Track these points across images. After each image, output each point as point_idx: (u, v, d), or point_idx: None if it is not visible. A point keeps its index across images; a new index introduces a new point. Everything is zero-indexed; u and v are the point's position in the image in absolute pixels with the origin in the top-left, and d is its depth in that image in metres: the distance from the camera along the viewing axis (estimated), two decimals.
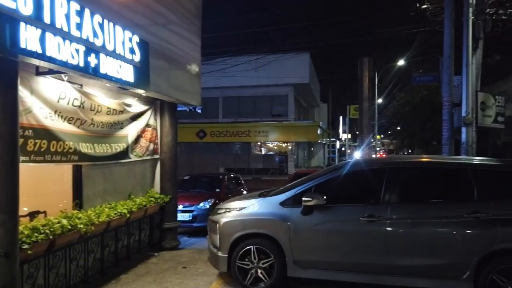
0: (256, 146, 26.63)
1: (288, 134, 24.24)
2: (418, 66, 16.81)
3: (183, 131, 24.41)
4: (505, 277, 4.06)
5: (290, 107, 25.35)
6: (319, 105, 38.73)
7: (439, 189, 4.62)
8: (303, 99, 31.09)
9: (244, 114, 25.72)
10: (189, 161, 25.27)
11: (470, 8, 7.61)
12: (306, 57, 24.15)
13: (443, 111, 8.22)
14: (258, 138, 24.57)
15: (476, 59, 8.04)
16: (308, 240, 4.60)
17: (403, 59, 20.66)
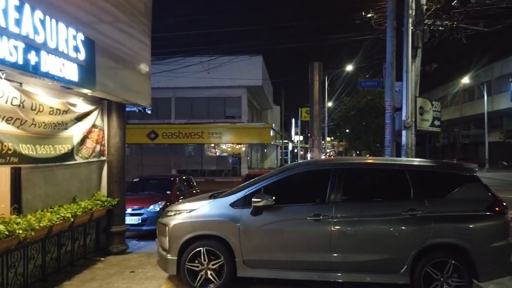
0: (210, 148, 26.49)
1: (241, 135, 24.37)
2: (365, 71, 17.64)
3: (134, 132, 23.75)
4: (439, 270, 4.40)
5: (244, 109, 25.51)
6: (272, 108, 39.26)
7: (379, 189, 4.91)
8: (257, 101, 31.40)
9: (198, 115, 25.52)
10: (140, 163, 24.63)
11: (410, 18, 8.13)
12: (259, 59, 24.43)
13: (386, 115, 8.71)
14: (211, 139, 24.47)
15: (415, 66, 8.60)
16: (258, 240, 4.69)
17: (352, 65, 21.58)
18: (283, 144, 37.49)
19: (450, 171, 4.86)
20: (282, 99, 35.33)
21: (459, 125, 48.83)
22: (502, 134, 38.48)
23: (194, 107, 25.79)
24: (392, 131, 8.56)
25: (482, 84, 35.10)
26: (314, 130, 23.25)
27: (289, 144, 40.97)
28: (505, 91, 33.69)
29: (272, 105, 38.53)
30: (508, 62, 35.48)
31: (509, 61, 35.26)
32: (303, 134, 45.28)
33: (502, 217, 4.54)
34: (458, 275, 4.39)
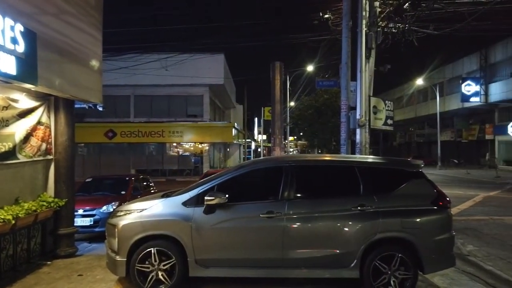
0: (172, 147, 26.03)
1: (203, 134, 24.12)
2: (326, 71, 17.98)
3: (91, 131, 22.91)
4: (386, 264, 4.53)
5: (206, 107, 25.26)
6: (235, 107, 39.22)
7: (330, 185, 4.99)
8: (219, 100, 31.23)
9: (158, 114, 25.00)
10: (98, 162, 23.76)
11: (364, 20, 8.35)
12: (220, 58, 24.29)
13: (341, 114, 8.90)
14: (172, 138, 24.04)
15: (369, 67, 8.85)
16: (210, 239, 4.63)
17: (312, 65, 21.95)
18: (246, 143, 37.54)
19: (397, 168, 5.03)
20: (244, 98, 35.35)
21: (414, 125, 51.01)
22: (453, 133, 40.59)
23: (155, 105, 25.25)
24: (348, 129, 8.76)
25: (435, 86, 36.84)
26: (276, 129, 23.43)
27: (252, 143, 41.08)
28: (455, 92, 35.57)
29: (235, 104, 38.50)
30: (458, 64, 37.47)
31: (459, 63, 37.24)
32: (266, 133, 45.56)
33: (445, 211, 4.75)
34: (405, 268, 4.54)
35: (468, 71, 35.29)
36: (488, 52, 32.78)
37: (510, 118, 32.51)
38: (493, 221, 10.11)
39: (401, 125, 54.29)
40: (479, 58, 33.58)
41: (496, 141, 34.34)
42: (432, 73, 39.85)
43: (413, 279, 4.54)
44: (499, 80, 31.51)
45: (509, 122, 31.85)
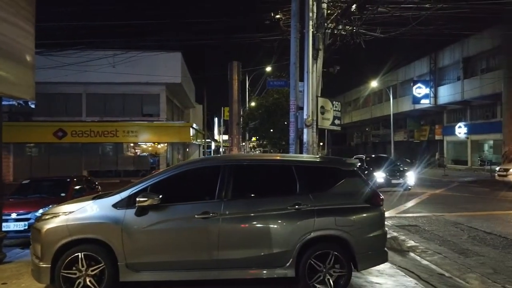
0: (129, 147, 25.24)
1: (159, 134, 23.57)
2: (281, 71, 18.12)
3: (38, 130, 21.77)
4: (321, 262, 4.56)
5: (162, 106, 24.70)
6: (195, 106, 38.72)
7: (268, 185, 4.96)
8: (177, 100, 30.68)
9: (112, 113, 24.12)
10: (46, 164, 22.58)
11: (311, 21, 8.43)
12: (178, 56, 23.85)
13: (290, 114, 8.96)
14: (127, 138, 23.29)
15: (317, 67, 8.95)
16: (142, 242, 4.45)
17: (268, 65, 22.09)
18: (206, 143, 37.17)
19: (333, 166, 5.09)
20: (204, 98, 34.94)
21: (370, 125, 52.71)
22: (405, 134, 42.35)
23: (108, 104, 24.36)
24: (296, 129, 8.82)
25: (388, 88, 38.23)
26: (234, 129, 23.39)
27: (212, 143, 40.75)
28: (408, 95, 37.09)
29: (195, 103, 38.01)
30: (410, 68, 39.12)
31: (411, 67, 38.90)
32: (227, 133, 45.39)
33: (378, 208, 4.86)
34: (340, 265, 4.59)
35: (419, 74, 36.92)
36: (437, 56, 34.46)
37: (457, 119, 34.40)
38: (435, 217, 10.59)
39: (358, 125, 56.03)
40: (429, 62, 35.23)
41: (445, 141, 36.17)
42: (386, 75, 41.38)
43: (347, 276, 4.60)
44: (447, 83, 33.20)
45: (456, 123, 33.71)
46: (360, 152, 54.37)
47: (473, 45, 29.43)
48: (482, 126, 30.68)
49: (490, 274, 5.83)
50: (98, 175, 21.88)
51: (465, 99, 30.58)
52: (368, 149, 53.22)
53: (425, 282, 5.27)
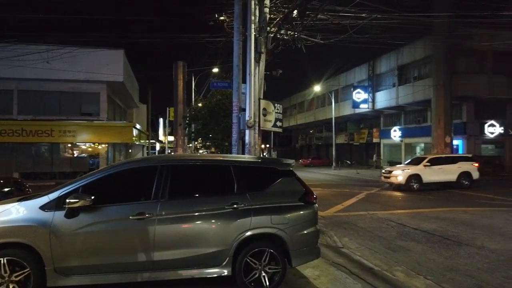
0: (66, 148, 23.86)
1: (99, 135, 22.59)
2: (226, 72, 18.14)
3: None
4: (257, 259, 4.68)
5: (103, 106, 23.70)
6: (139, 106, 37.61)
7: (206, 185, 4.99)
8: (120, 99, 29.60)
9: (47, 111, 22.70)
10: None
11: (253, 24, 8.59)
12: (120, 53, 23.03)
13: (233, 115, 9.05)
14: (64, 138, 22.05)
15: (259, 70, 9.12)
16: (73, 245, 4.28)
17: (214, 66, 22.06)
18: (150, 145, 36.21)
19: (269, 166, 5.23)
20: (148, 97, 34.07)
21: (314, 128, 54.50)
22: (346, 137, 44.32)
23: (43, 102, 22.89)
24: (239, 130, 8.93)
25: (331, 92, 39.81)
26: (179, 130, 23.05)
27: (157, 144, 39.78)
28: (348, 99, 38.84)
29: (138, 103, 36.91)
30: (351, 73, 41.05)
31: (352, 73, 40.83)
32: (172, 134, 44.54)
33: (312, 206, 5.08)
34: (275, 263, 4.74)
35: (358, 80, 38.85)
36: (375, 63, 36.50)
37: (393, 123, 36.65)
38: (370, 215, 11.20)
39: (303, 128, 57.69)
40: (367, 69, 37.21)
41: (381, 143, 38.35)
42: (329, 80, 43.06)
43: (282, 272, 4.76)
44: (384, 89, 35.26)
45: (392, 127, 35.90)
46: (304, 153, 56.04)
47: (407, 54, 31.56)
48: (414, 130, 32.96)
49: (414, 266, 6.29)
50: (31, 177, 20.52)
51: (399, 104, 32.69)
52: (312, 151, 55.00)
53: (355, 276, 5.59)
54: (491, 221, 10.15)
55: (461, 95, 27.02)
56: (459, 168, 18.75)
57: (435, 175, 18.34)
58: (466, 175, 18.76)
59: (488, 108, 28.91)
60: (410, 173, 18.07)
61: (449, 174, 18.55)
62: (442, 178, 18.54)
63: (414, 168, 18.48)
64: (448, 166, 18.65)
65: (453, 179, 18.59)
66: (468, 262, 6.48)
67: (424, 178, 18.11)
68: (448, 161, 18.98)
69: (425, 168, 18.27)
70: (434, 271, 6.03)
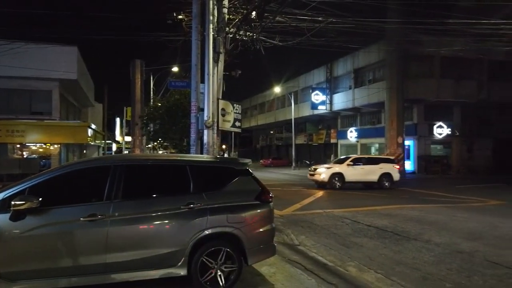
0: (14, 149, 22.53)
1: (51, 135, 21.54)
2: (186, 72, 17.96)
3: None
4: (213, 259, 4.68)
5: (55, 104, 22.65)
6: (94, 105, 36.28)
7: (161, 185, 4.93)
8: (74, 97, 28.41)
9: None
10: None
11: (211, 24, 8.58)
12: (74, 50, 22.12)
13: (191, 115, 8.99)
14: (12, 138, 20.80)
15: (218, 70, 9.13)
16: (19, 249, 4.09)
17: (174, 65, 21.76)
18: (106, 145, 35.05)
19: (226, 166, 5.27)
20: (105, 96, 33.01)
21: (274, 129, 55.13)
22: (305, 137, 45.21)
23: None
24: (197, 130, 8.89)
25: (290, 94, 40.46)
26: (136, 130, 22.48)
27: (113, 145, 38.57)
28: (307, 101, 39.67)
29: (94, 102, 35.61)
30: (310, 75, 41.95)
31: (311, 75, 41.74)
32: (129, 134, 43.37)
33: (268, 205, 5.16)
34: (231, 261, 4.77)
35: (317, 82, 39.79)
36: (333, 66, 37.55)
37: (350, 124, 37.85)
38: (326, 214, 11.52)
39: (263, 129, 58.19)
40: (325, 71, 38.20)
41: (339, 144, 39.49)
42: (289, 82, 43.76)
43: (238, 271, 4.80)
44: (341, 91, 36.34)
45: (348, 128, 37.06)
46: (264, 154, 56.53)
47: (362, 58, 32.73)
48: (369, 131, 34.24)
49: (366, 261, 6.56)
50: None
51: (355, 106, 33.83)
52: (272, 152, 55.59)
53: (309, 272, 5.75)
54: (437, 217, 10.77)
55: (412, 97, 28.40)
56: (381, 169, 19.20)
57: (357, 174, 18.79)
58: (387, 176, 19.21)
59: (437, 110, 30.59)
60: (333, 172, 18.47)
61: (371, 174, 18.98)
62: (364, 178, 19.00)
63: (338, 167, 18.93)
64: (370, 167, 19.15)
65: (375, 179, 19.05)
66: (416, 256, 6.85)
67: (346, 177, 18.52)
68: (370, 162, 19.52)
69: (348, 167, 18.75)
70: (384, 265, 6.32)
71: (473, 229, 9.15)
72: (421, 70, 29.25)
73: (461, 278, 5.63)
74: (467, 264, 6.31)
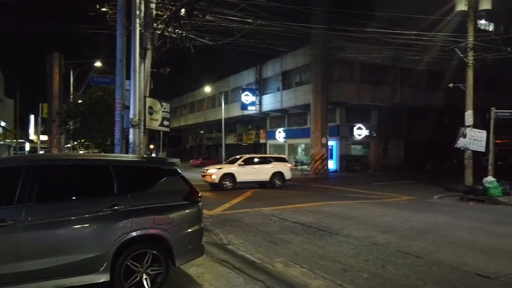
0: None
1: None
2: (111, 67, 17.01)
3: None
4: (139, 262, 4.52)
5: None
6: (4, 101, 32.94)
7: (81, 186, 4.64)
8: None
9: None
10: None
11: (138, 19, 8.27)
12: None
13: (116, 113, 8.58)
14: None
15: (145, 67, 8.82)
16: None
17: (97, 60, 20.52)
18: (18, 144, 31.99)
19: (153, 166, 5.12)
20: (17, 91, 30.09)
21: (204, 129, 54.72)
22: (235, 137, 45.55)
23: None
24: (122, 129, 8.51)
25: (221, 94, 40.48)
26: (54, 128, 20.84)
27: (26, 144, 35.33)
28: (237, 101, 40.01)
29: (4, 97, 32.35)
30: (240, 76, 42.37)
31: (241, 75, 42.17)
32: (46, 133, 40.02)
33: (196, 205, 5.12)
34: (158, 264, 4.65)
35: (247, 83, 40.33)
36: (262, 68, 38.33)
37: (278, 125, 38.91)
38: (254, 212, 11.72)
39: (193, 128, 57.46)
40: (255, 73, 38.86)
41: (268, 144, 40.39)
42: (219, 82, 43.77)
43: (165, 273, 4.69)
44: (270, 92, 37.23)
45: (277, 128, 38.09)
46: (194, 154, 55.84)
47: (290, 61, 33.87)
48: (296, 132, 35.53)
49: (292, 257, 6.80)
50: None
51: (283, 107, 34.91)
52: (203, 152, 55.12)
53: (238, 270, 5.81)
54: (357, 213, 11.53)
55: (335, 100, 30.07)
56: (272, 168, 19.32)
57: (249, 174, 18.66)
58: (279, 175, 19.37)
59: (357, 113, 32.76)
60: (224, 172, 18.15)
61: (262, 174, 18.98)
62: (256, 178, 18.92)
63: (228, 167, 18.73)
64: (262, 166, 19.18)
65: (266, 178, 19.08)
66: (337, 250, 7.26)
67: (238, 177, 18.33)
68: (262, 161, 19.54)
69: (239, 168, 18.58)
70: (309, 259, 6.61)
71: (387, 222, 9.95)
72: (343, 75, 31.09)
73: (377, 268, 6.10)
74: (382, 255, 6.85)
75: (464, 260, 6.47)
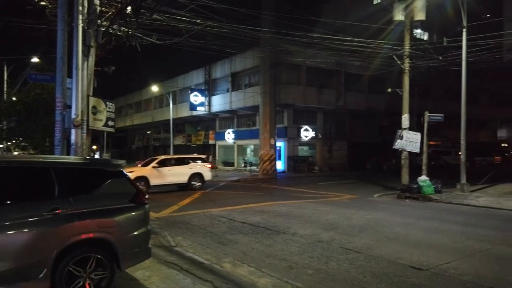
0: None
1: None
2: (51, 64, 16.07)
3: None
4: (82, 267, 4.38)
5: None
6: None
7: (18, 189, 4.40)
8: None
9: None
10: None
11: (81, 15, 7.95)
12: None
13: (56, 112, 8.18)
14: None
15: (88, 65, 8.49)
16: None
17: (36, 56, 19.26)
18: None
19: (97, 168, 4.99)
20: None
21: (151, 129, 53.32)
22: (184, 138, 44.91)
23: None
24: (63, 129, 8.11)
25: (169, 94, 39.70)
26: None
27: None
28: (186, 101, 39.46)
29: None
30: (189, 76, 41.84)
31: (190, 75, 41.66)
32: None
33: (143, 207, 5.06)
34: (102, 268, 4.53)
35: (196, 83, 39.91)
36: (211, 68, 38.16)
37: (227, 126, 38.93)
38: (203, 213, 11.69)
39: (140, 129, 55.77)
40: (204, 73, 38.61)
41: (217, 145, 40.27)
42: (167, 81, 42.92)
43: (110, 277, 4.59)
44: (219, 93, 37.15)
45: (226, 129, 38.09)
46: (141, 155, 54.19)
47: (239, 62, 34.07)
48: (245, 133, 35.78)
49: (240, 257, 6.91)
50: None
51: (233, 108, 35.00)
52: (149, 153, 53.59)
53: (186, 272, 5.81)
54: (303, 211, 11.91)
55: (283, 102, 30.70)
56: (190, 169, 18.50)
57: (164, 177, 17.57)
58: (198, 176, 18.61)
59: (304, 115, 33.71)
60: (136, 176, 16.16)
61: (179, 176, 18.06)
62: (173, 180, 17.92)
63: (141, 170, 17.32)
64: (179, 168, 18.20)
65: (184, 180, 18.22)
66: (284, 248, 7.48)
67: (151, 181, 17.07)
68: (179, 162, 18.58)
69: (153, 170, 17.37)
70: (256, 258, 6.75)
71: (331, 220, 10.39)
72: (290, 78, 31.84)
73: (321, 265, 6.38)
74: (326, 252, 7.17)
75: (399, 254, 6.96)
